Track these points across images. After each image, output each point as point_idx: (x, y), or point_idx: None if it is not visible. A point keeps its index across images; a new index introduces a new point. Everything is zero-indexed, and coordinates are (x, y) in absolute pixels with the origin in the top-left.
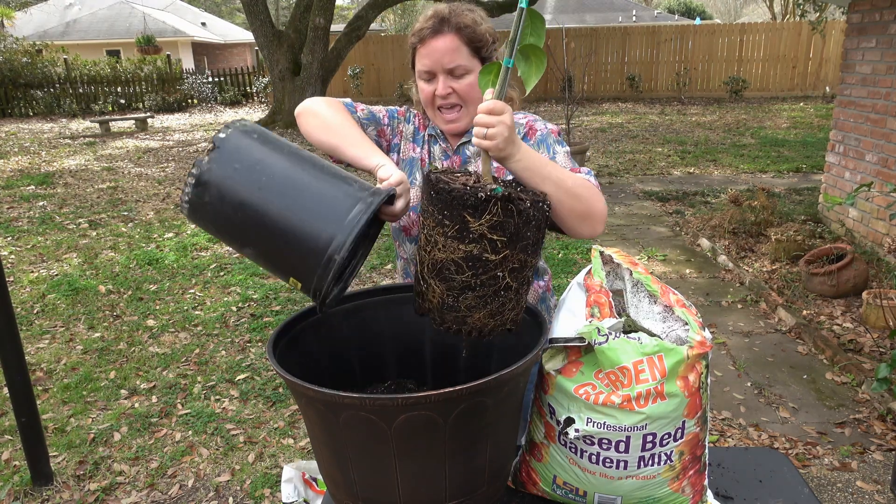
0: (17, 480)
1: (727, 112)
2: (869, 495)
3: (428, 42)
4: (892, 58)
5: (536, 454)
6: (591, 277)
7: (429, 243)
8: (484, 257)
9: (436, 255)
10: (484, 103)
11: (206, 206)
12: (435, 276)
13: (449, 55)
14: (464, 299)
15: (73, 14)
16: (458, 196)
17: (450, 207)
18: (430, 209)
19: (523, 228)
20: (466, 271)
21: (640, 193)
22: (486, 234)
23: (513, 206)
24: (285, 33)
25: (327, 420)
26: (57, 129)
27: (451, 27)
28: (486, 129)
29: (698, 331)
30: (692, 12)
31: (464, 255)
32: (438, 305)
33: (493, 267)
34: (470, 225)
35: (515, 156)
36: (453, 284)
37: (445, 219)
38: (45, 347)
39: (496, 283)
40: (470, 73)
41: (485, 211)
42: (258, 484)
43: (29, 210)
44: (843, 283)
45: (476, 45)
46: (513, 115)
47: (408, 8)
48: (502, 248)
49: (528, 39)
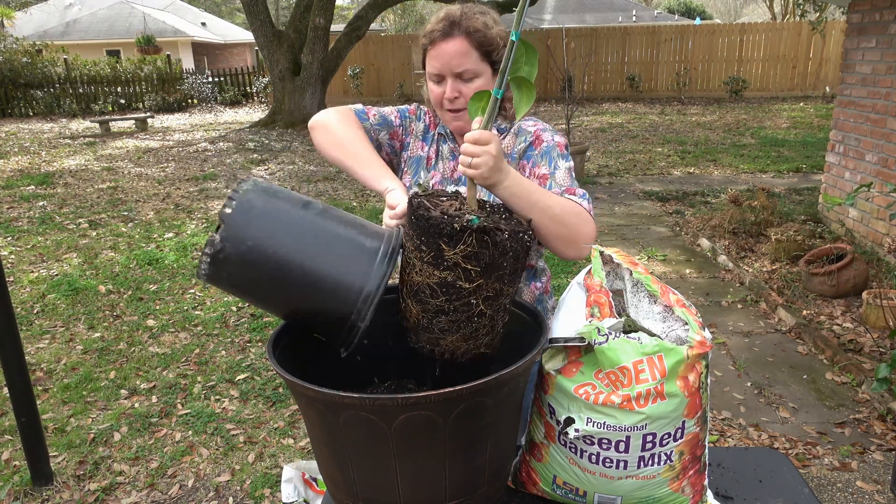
0: (17, 480)
1: (727, 112)
2: (869, 495)
3: (438, 44)
4: (892, 58)
5: (536, 454)
6: (591, 277)
7: (407, 265)
8: (458, 285)
9: (413, 277)
10: (470, 133)
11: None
12: (412, 297)
13: (458, 59)
14: (437, 322)
15: (73, 14)
16: (435, 224)
17: (427, 234)
18: (409, 233)
19: (499, 259)
20: (440, 296)
21: (640, 193)
22: (460, 263)
23: (488, 238)
24: (285, 33)
25: (327, 420)
26: (57, 129)
27: (462, 31)
28: (471, 159)
29: (698, 331)
30: (692, 12)
31: (438, 281)
32: (415, 325)
33: (466, 294)
34: (445, 253)
35: (503, 182)
36: (428, 307)
37: (423, 244)
38: (45, 347)
39: (469, 310)
40: (479, 77)
41: (459, 241)
42: (258, 484)
43: (29, 210)
44: (843, 283)
45: (486, 49)
46: (499, 143)
47: (408, 8)
48: (476, 278)
49: (523, 70)
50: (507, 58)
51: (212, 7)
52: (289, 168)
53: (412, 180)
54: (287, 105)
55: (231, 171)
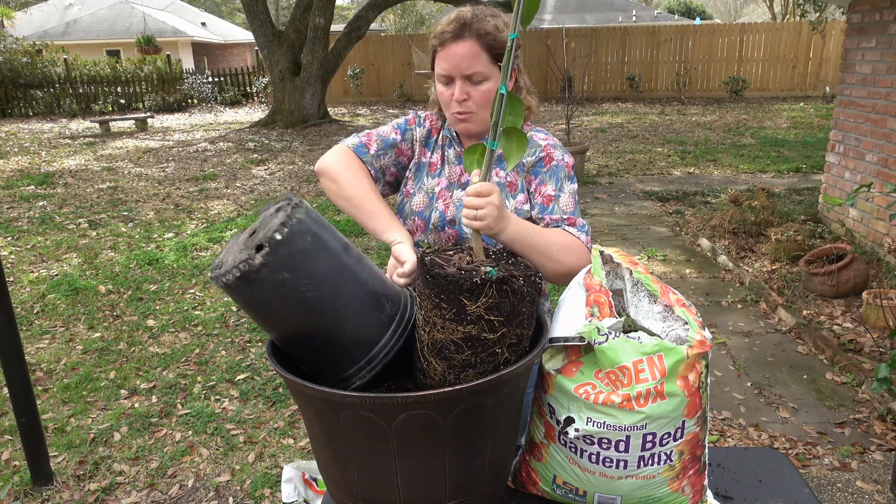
0: (17, 480)
1: (727, 112)
2: (869, 495)
3: (448, 46)
4: (892, 58)
5: (536, 454)
6: (590, 277)
7: (427, 324)
8: (483, 337)
9: (435, 335)
10: (472, 186)
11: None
12: (435, 355)
13: (468, 61)
14: (465, 376)
15: (73, 14)
16: (454, 281)
17: (446, 292)
18: (426, 292)
19: (518, 305)
20: (466, 350)
21: (640, 193)
22: (483, 316)
23: (507, 287)
24: (285, 33)
25: (327, 420)
26: (57, 129)
27: (472, 33)
28: (475, 211)
29: (698, 330)
30: (692, 12)
31: (463, 336)
32: (440, 383)
33: (491, 345)
34: (467, 308)
35: (506, 230)
36: (454, 363)
37: (443, 302)
38: (45, 347)
39: (495, 360)
40: (488, 80)
41: (481, 294)
42: (258, 484)
43: (29, 210)
44: (843, 283)
45: (496, 53)
46: (500, 194)
47: (408, 8)
48: (500, 327)
49: (507, 119)
50: (497, 111)
51: (212, 7)
52: (289, 168)
53: (415, 186)
54: (287, 105)
55: (231, 171)
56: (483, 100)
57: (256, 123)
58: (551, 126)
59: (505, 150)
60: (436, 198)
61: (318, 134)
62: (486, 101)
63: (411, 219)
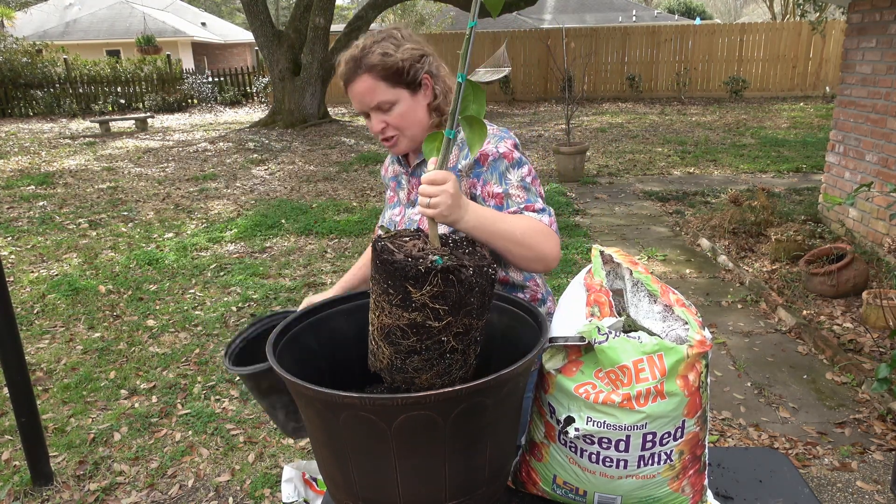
0: (17, 480)
1: (727, 112)
2: (869, 495)
3: (349, 87)
4: (892, 58)
5: (536, 454)
6: (591, 277)
7: (377, 307)
8: (427, 324)
9: (383, 319)
10: (427, 174)
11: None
12: (383, 339)
13: (368, 96)
14: (410, 362)
15: (73, 14)
16: (400, 268)
17: (393, 278)
18: (376, 276)
19: (466, 296)
20: (411, 337)
21: (640, 193)
22: (427, 304)
23: (453, 277)
24: (285, 33)
25: (327, 420)
26: (57, 129)
27: (364, 68)
28: (429, 199)
29: (698, 330)
30: (692, 12)
31: (408, 322)
32: (388, 366)
33: (436, 333)
34: (412, 295)
35: (464, 218)
36: (400, 348)
37: (390, 288)
38: (45, 347)
39: (441, 347)
40: (396, 103)
41: (426, 282)
42: (258, 484)
43: (29, 210)
44: (843, 283)
45: (394, 77)
46: (456, 182)
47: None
48: (445, 316)
49: (471, 109)
50: (455, 99)
51: (212, 7)
52: (289, 168)
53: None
54: (287, 105)
55: (231, 171)
56: (400, 122)
57: (256, 123)
58: (551, 126)
59: (468, 139)
60: (395, 225)
61: (318, 134)
62: (403, 122)
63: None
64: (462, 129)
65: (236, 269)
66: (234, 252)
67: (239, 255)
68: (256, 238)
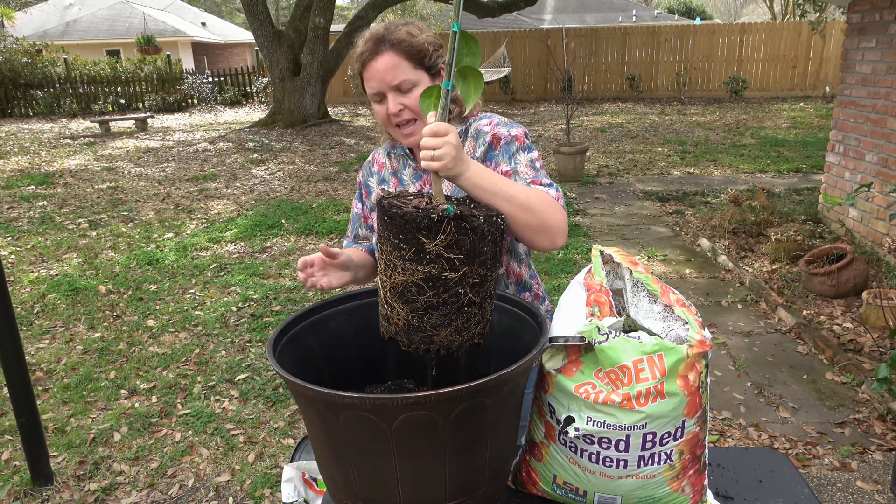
0: (17, 480)
1: (727, 112)
2: (869, 495)
3: (369, 64)
4: (892, 58)
5: (536, 454)
6: (591, 277)
7: (388, 267)
8: (443, 276)
9: (396, 278)
10: (428, 126)
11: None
12: (398, 298)
13: (391, 73)
14: (428, 319)
15: (73, 14)
16: (412, 219)
17: (405, 231)
18: (385, 234)
19: (479, 244)
20: (428, 291)
21: (640, 193)
22: (442, 254)
23: (466, 224)
24: (285, 33)
25: (327, 420)
26: (57, 129)
27: (388, 45)
28: (432, 151)
29: (698, 330)
30: (692, 12)
31: (423, 276)
32: (404, 327)
33: (453, 285)
34: (426, 246)
35: (465, 173)
36: (416, 305)
37: (402, 242)
38: (45, 347)
39: (458, 300)
40: (416, 85)
41: (439, 231)
42: (258, 484)
43: (29, 210)
44: (843, 283)
45: (417, 57)
46: (457, 134)
47: (408, 8)
48: (460, 266)
49: (465, 61)
50: (450, 49)
51: (212, 7)
52: (289, 168)
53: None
54: (287, 105)
55: (231, 171)
56: (417, 105)
57: (256, 123)
58: (551, 126)
59: (462, 92)
60: None
61: (318, 134)
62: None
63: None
64: (456, 81)
65: (236, 269)
66: (234, 252)
67: (239, 255)
68: (256, 238)
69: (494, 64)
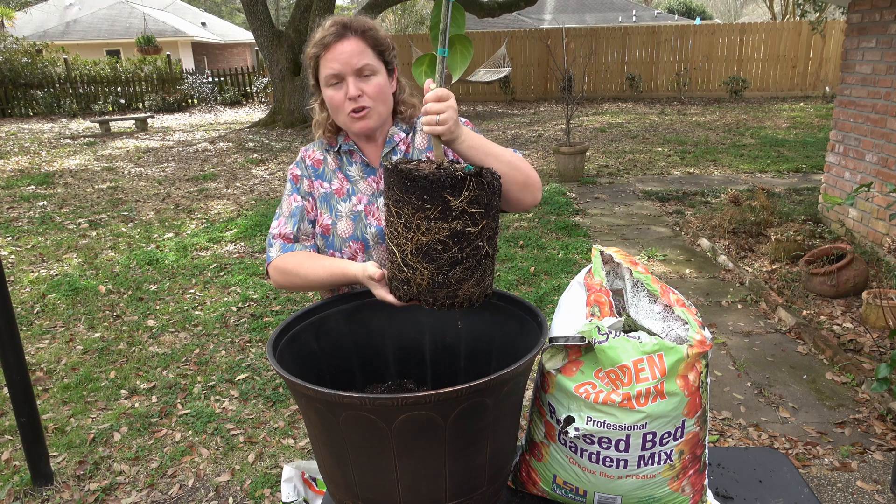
0: (17, 480)
1: (727, 112)
2: (869, 495)
3: (334, 46)
4: (892, 58)
5: (536, 454)
6: (591, 277)
7: (409, 229)
8: (467, 231)
9: (419, 238)
10: (431, 92)
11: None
12: (422, 258)
13: (356, 57)
14: (453, 274)
15: (73, 14)
16: (436, 179)
17: (430, 192)
18: (405, 197)
19: (492, 198)
20: (453, 247)
21: (640, 193)
22: (466, 210)
23: (483, 180)
24: (285, 33)
25: (327, 420)
26: (57, 129)
27: (353, 31)
28: (437, 116)
29: (698, 330)
30: (692, 12)
31: (449, 233)
32: (428, 286)
33: (474, 238)
34: (451, 204)
35: (461, 136)
36: (442, 262)
37: (426, 203)
38: (45, 347)
39: (478, 253)
40: (376, 74)
41: (463, 188)
42: (258, 484)
43: (29, 210)
44: (843, 283)
45: (379, 49)
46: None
47: (408, 8)
48: (480, 219)
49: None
50: (444, 17)
51: (212, 7)
52: (289, 168)
53: (331, 216)
54: (287, 105)
55: (231, 171)
56: (376, 93)
57: (256, 123)
58: (551, 126)
59: (450, 61)
60: (363, 215)
61: None
62: (378, 94)
63: (346, 246)
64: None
65: (236, 269)
66: (234, 252)
67: (239, 255)
68: (256, 238)
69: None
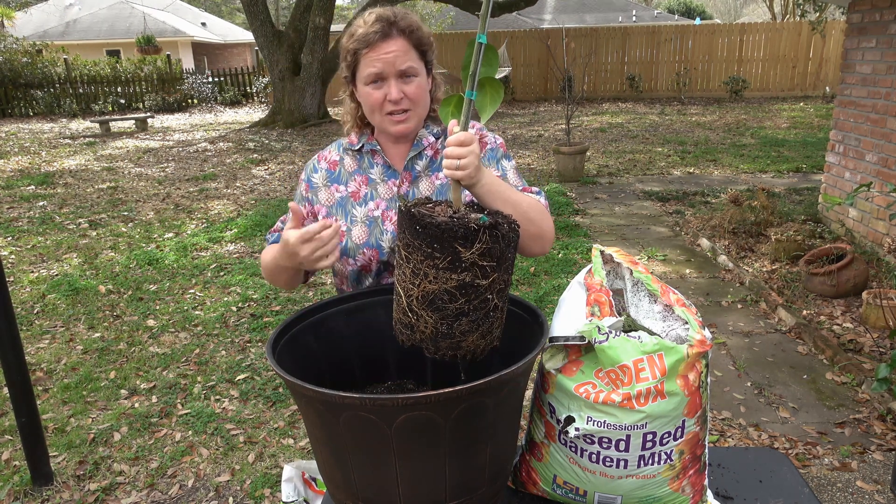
0: (17, 480)
1: (727, 112)
2: (869, 495)
3: (378, 45)
4: (892, 58)
5: (536, 454)
6: (591, 276)
7: (417, 276)
8: (476, 283)
9: (426, 287)
10: (454, 136)
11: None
12: (427, 307)
13: (402, 57)
14: (458, 326)
15: (73, 14)
16: (448, 229)
17: (440, 241)
18: (416, 243)
19: (506, 251)
20: (460, 299)
21: (640, 193)
22: (477, 262)
23: (497, 232)
24: (285, 33)
25: (327, 420)
26: (57, 129)
27: (399, 30)
28: (458, 161)
29: (698, 330)
30: (692, 12)
31: (457, 284)
32: (431, 335)
33: (483, 291)
34: (462, 255)
35: (482, 181)
36: (447, 313)
37: (436, 251)
38: (45, 347)
39: (486, 306)
40: (418, 75)
41: (475, 240)
42: (258, 484)
43: (29, 210)
44: (843, 283)
45: (422, 49)
46: (478, 143)
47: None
48: (491, 273)
49: (482, 71)
50: (475, 60)
51: (212, 7)
52: (289, 168)
53: (346, 221)
54: (287, 105)
55: (231, 171)
56: (416, 95)
57: (256, 123)
58: (551, 126)
59: (478, 102)
60: (380, 220)
61: (318, 134)
62: (418, 97)
63: (359, 252)
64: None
65: (236, 269)
66: (234, 252)
67: (239, 255)
68: (256, 238)
69: None
